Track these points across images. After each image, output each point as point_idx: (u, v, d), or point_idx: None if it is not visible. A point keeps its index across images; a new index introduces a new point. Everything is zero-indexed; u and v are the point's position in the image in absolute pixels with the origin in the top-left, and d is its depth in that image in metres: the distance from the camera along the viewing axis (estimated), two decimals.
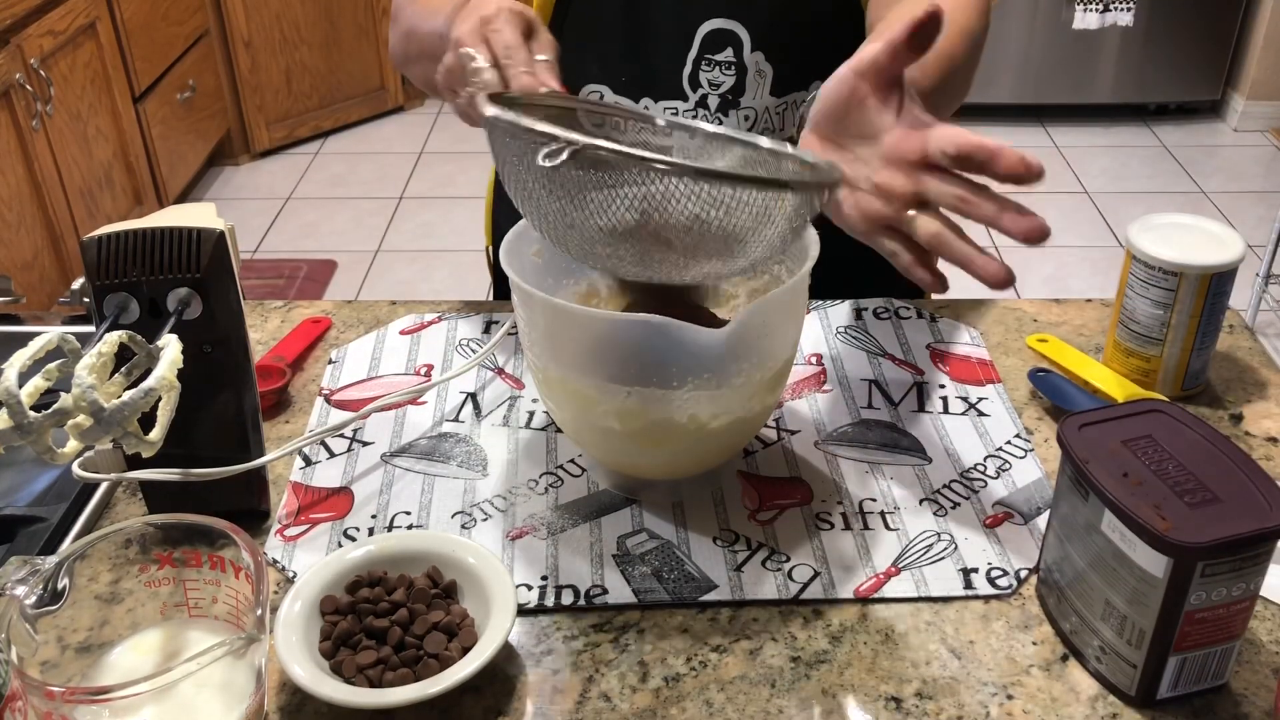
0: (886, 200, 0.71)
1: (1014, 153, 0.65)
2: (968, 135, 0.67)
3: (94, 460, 0.79)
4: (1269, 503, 0.65)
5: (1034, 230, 0.65)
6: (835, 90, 0.73)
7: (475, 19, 0.82)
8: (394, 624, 0.70)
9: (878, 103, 0.72)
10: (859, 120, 0.73)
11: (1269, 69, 3.68)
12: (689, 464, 0.83)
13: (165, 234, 0.74)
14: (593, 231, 0.70)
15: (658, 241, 0.70)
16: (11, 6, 2.30)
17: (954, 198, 0.68)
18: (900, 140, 0.71)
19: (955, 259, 0.68)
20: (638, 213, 0.67)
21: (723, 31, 1.04)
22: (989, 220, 0.66)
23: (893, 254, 0.71)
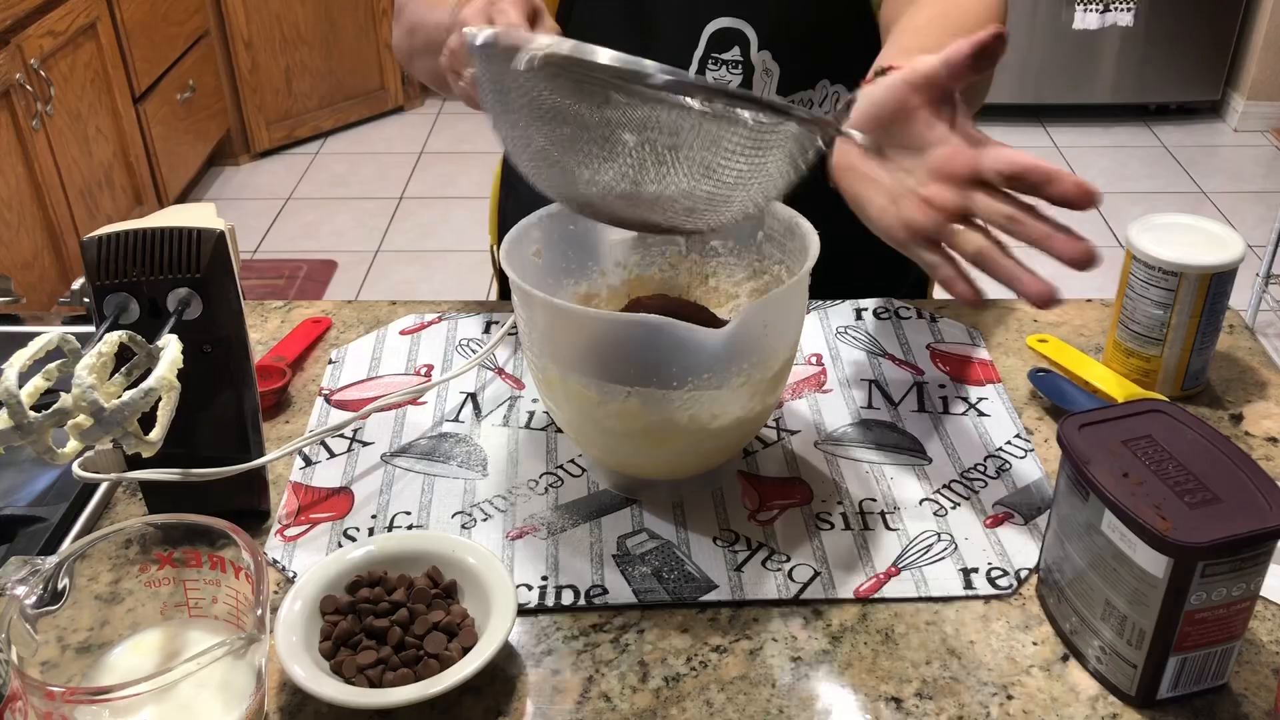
0: (931, 212, 0.70)
1: (1071, 177, 0.65)
2: (1024, 156, 0.67)
3: (94, 460, 0.79)
4: (1269, 503, 0.65)
5: (1085, 254, 0.65)
6: (885, 99, 0.72)
7: (480, 1, 0.82)
8: (394, 624, 0.70)
9: (929, 115, 0.71)
10: (907, 131, 0.72)
11: (1269, 69, 3.68)
12: (689, 464, 0.83)
13: (165, 234, 0.74)
14: (577, 163, 0.68)
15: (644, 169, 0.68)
16: (12, 6, 2.30)
17: (1003, 216, 0.67)
18: (952, 155, 0.70)
19: (1001, 276, 0.68)
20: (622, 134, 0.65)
21: (729, 30, 1.04)
22: (1038, 241, 0.66)
23: (933, 266, 0.71)
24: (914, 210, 0.71)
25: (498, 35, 0.67)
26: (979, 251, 0.68)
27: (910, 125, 0.72)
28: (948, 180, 0.70)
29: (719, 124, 0.65)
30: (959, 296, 0.70)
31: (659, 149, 0.66)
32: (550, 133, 0.68)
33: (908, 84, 0.72)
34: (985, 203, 0.68)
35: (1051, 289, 0.66)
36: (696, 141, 0.66)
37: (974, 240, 0.69)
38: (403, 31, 1.06)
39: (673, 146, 0.66)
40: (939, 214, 0.70)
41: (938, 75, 0.71)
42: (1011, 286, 0.67)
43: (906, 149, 0.73)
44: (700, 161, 0.67)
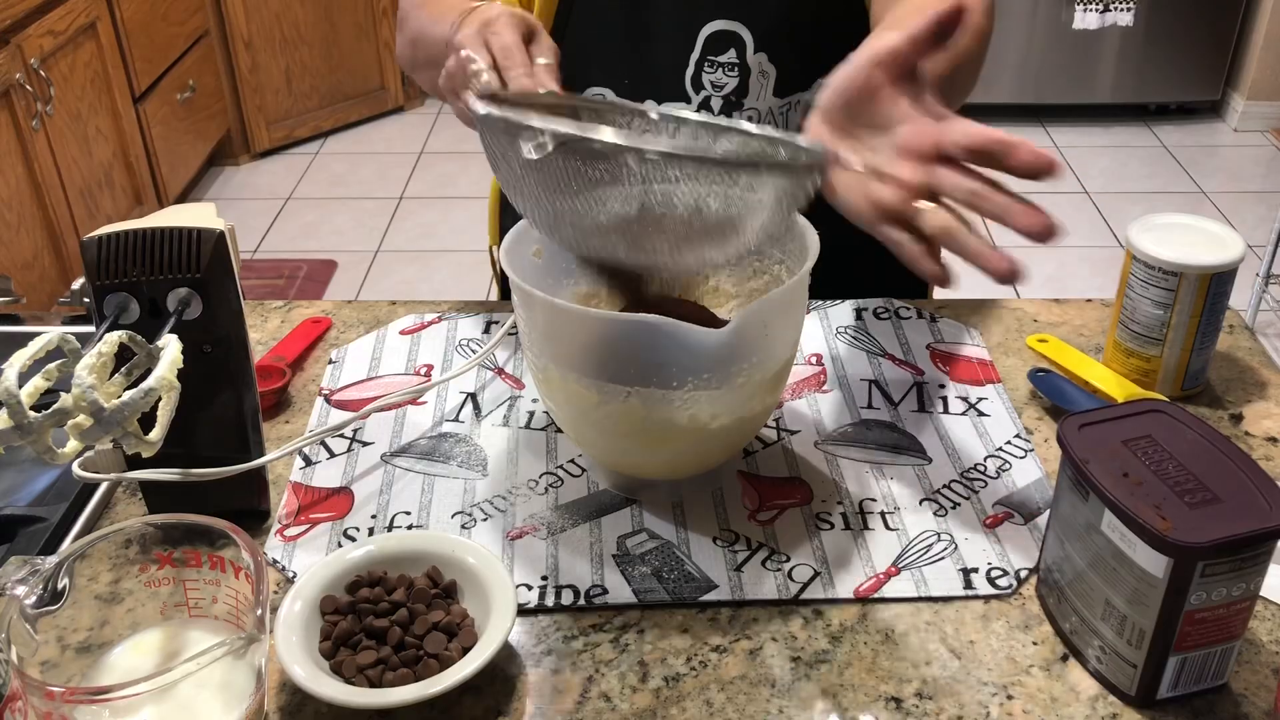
0: (896, 191, 0.70)
1: (1029, 146, 0.65)
2: (984, 129, 0.67)
3: (94, 460, 0.79)
4: (1269, 503, 0.65)
5: (1044, 227, 0.65)
6: (850, 78, 0.73)
7: (476, 23, 0.83)
8: (394, 624, 0.70)
9: (893, 93, 0.72)
10: (872, 109, 0.72)
11: (1269, 69, 3.68)
12: (689, 464, 0.83)
13: (165, 234, 0.74)
14: (585, 223, 0.70)
15: (648, 229, 0.70)
16: (11, 6, 2.30)
17: (966, 191, 0.67)
18: (915, 132, 0.70)
19: (964, 253, 0.68)
20: (625, 201, 0.68)
21: (725, 33, 1.04)
22: (999, 215, 0.66)
23: (898, 245, 0.71)
24: (880, 189, 0.71)
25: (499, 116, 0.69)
26: (943, 228, 0.68)
27: (876, 103, 0.72)
28: (912, 157, 0.70)
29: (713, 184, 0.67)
30: (926, 275, 0.70)
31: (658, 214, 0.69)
32: (552, 197, 0.70)
33: (871, 62, 0.72)
34: (949, 178, 0.68)
35: (1015, 264, 0.66)
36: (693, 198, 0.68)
37: (938, 217, 0.68)
38: (406, 42, 1.06)
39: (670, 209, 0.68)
40: (904, 192, 0.70)
41: (900, 51, 0.71)
42: (975, 263, 0.67)
43: (872, 127, 0.73)
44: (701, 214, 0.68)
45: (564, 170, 0.68)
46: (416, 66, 1.05)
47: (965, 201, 0.68)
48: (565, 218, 0.71)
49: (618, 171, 0.67)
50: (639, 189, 0.67)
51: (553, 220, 0.73)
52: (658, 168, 0.66)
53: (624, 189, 0.67)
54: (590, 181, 0.68)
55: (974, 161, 0.68)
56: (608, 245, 0.73)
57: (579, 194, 0.69)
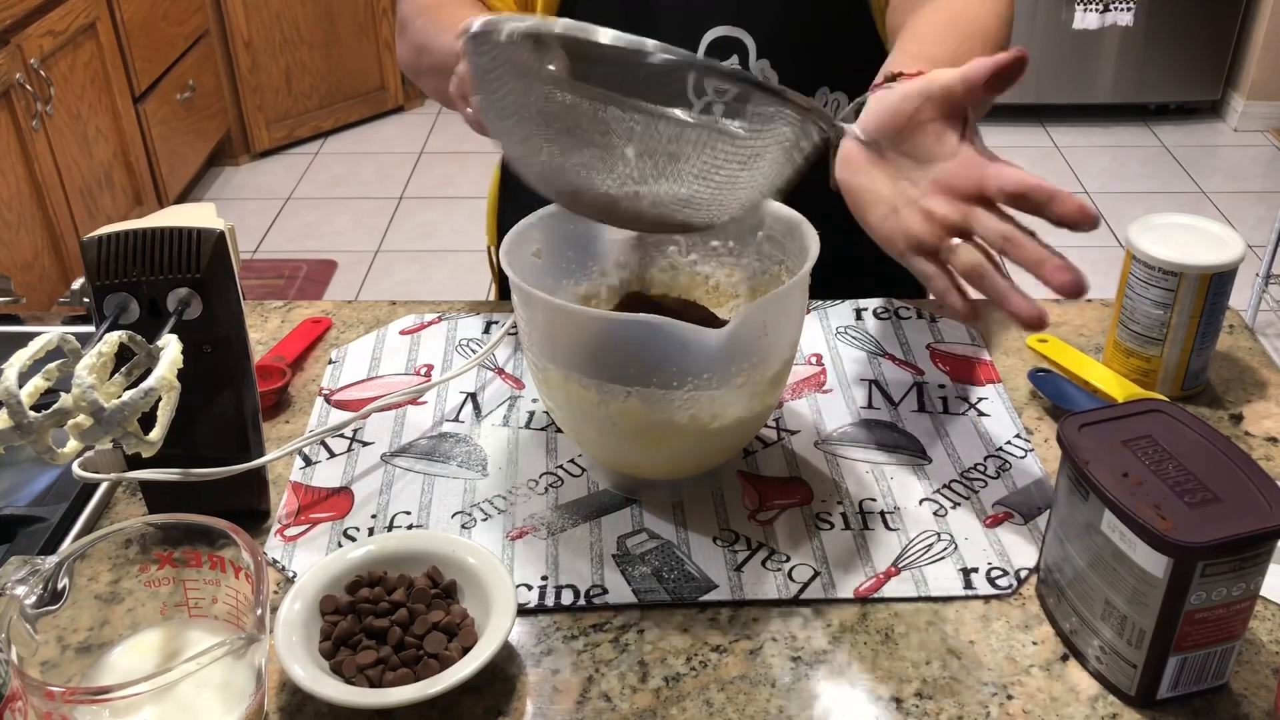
0: (931, 225, 0.71)
1: (1072, 199, 0.65)
2: (1029, 175, 0.67)
3: (94, 460, 0.79)
4: (1269, 503, 0.65)
5: (1074, 284, 0.65)
6: (898, 107, 0.73)
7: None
8: (394, 624, 0.70)
9: (941, 129, 0.72)
10: (915, 141, 0.72)
11: (1269, 69, 3.67)
12: (689, 464, 0.83)
13: (165, 234, 0.74)
14: (576, 157, 0.68)
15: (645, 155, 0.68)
16: (11, 6, 2.30)
17: (1000, 236, 0.68)
18: (958, 169, 0.70)
19: (991, 294, 0.68)
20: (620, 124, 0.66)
21: (728, 39, 1.04)
22: (1031, 265, 0.66)
23: (928, 278, 0.71)
24: (914, 221, 0.71)
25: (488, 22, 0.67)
26: (974, 267, 0.69)
27: (920, 136, 0.72)
28: (951, 194, 0.70)
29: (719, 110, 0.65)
30: (952, 310, 0.71)
31: (656, 142, 0.67)
32: (544, 128, 0.68)
33: (923, 95, 0.72)
34: (985, 220, 0.69)
35: (1041, 312, 0.67)
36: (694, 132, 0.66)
37: (970, 256, 0.69)
38: (409, 49, 1.06)
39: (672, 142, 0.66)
40: (939, 227, 0.70)
41: (954, 91, 0.71)
42: (1001, 306, 0.68)
43: (912, 159, 0.73)
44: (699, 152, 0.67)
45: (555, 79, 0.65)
46: (420, 73, 1.05)
47: (998, 246, 0.68)
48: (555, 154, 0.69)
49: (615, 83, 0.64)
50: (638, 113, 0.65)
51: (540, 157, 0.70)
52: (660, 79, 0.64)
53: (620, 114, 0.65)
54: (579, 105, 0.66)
55: (1015, 206, 0.68)
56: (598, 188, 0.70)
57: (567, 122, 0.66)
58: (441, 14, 1.00)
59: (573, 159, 0.69)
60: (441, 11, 1.01)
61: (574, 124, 0.67)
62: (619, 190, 0.69)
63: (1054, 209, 0.66)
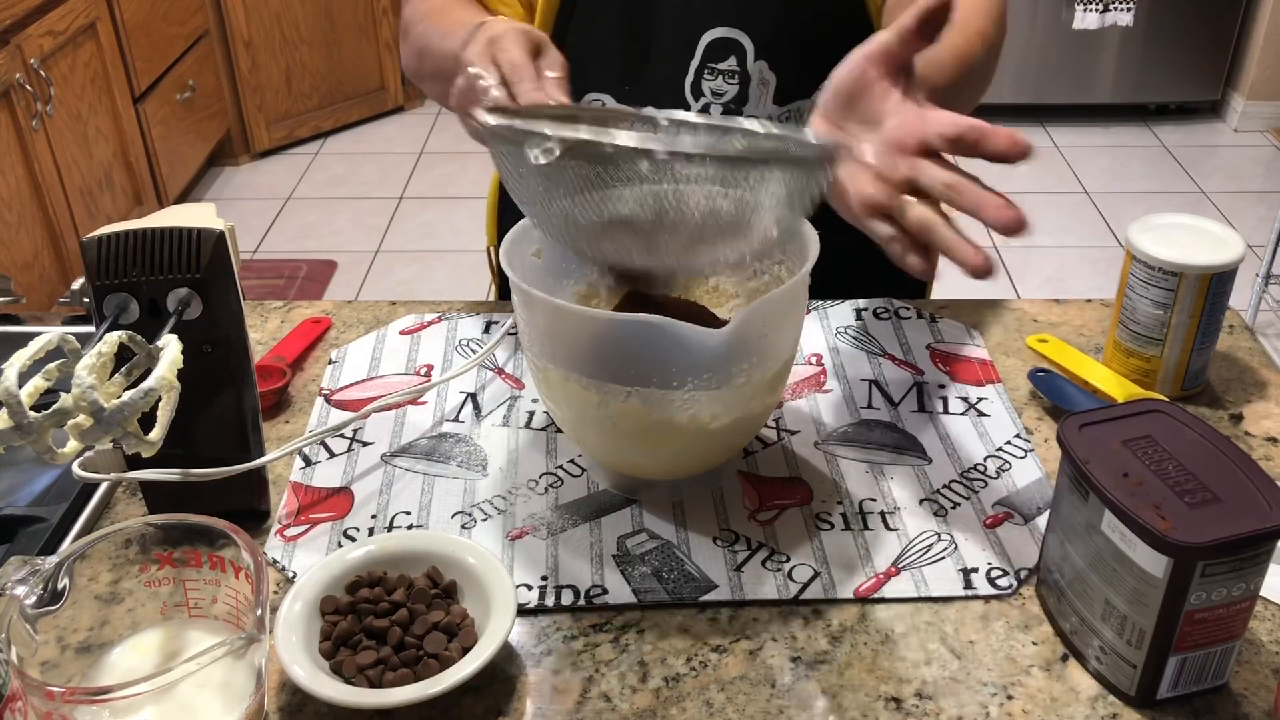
0: (883, 186, 0.71)
1: (1003, 131, 0.67)
2: (963, 118, 0.69)
3: (94, 460, 0.79)
4: (1269, 503, 0.65)
5: (1014, 220, 0.66)
6: (846, 75, 0.74)
7: (483, 40, 0.83)
8: (394, 624, 0.70)
9: (884, 88, 0.73)
10: (865, 105, 0.74)
11: (1269, 69, 3.68)
12: (689, 464, 0.83)
13: (165, 234, 0.74)
14: (598, 229, 0.71)
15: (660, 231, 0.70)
16: (11, 6, 2.30)
17: (943, 185, 0.69)
18: (901, 126, 0.72)
19: (940, 245, 0.69)
20: (638, 204, 0.68)
21: (726, 40, 1.04)
22: (973, 208, 0.67)
23: (886, 239, 0.72)
24: (867, 184, 0.72)
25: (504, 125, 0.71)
26: (922, 221, 0.69)
27: (869, 99, 0.74)
28: (897, 151, 0.71)
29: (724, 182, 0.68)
30: (911, 269, 0.71)
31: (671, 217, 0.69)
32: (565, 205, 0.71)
33: (865, 58, 0.73)
34: (930, 170, 0.70)
35: (986, 259, 0.67)
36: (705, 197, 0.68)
37: (918, 211, 0.70)
38: (411, 52, 1.06)
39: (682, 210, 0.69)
40: (890, 186, 0.71)
41: (891, 45, 0.73)
42: (950, 255, 0.68)
43: (865, 123, 0.74)
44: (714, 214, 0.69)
45: (575, 177, 0.68)
46: (423, 77, 1.05)
47: (941, 194, 0.69)
48: (579, 225, 0.72)
49: (628, 174, 0.67)
50: (650, 191, 0.68)
51: (566, 228, 0.73)
52: (668, 168, 0.66)
53: (635, 192, 0.68)
54: (602, 186, 0.69)
55: (954, 150, 0.69)
56: (621, 250, 0.73)
57: (591, 200, 0.69)
58: (444, 18, 1.00)
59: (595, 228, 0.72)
60: (444, 16, 1.01)
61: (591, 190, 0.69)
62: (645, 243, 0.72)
63: (988, 145, 0.67)
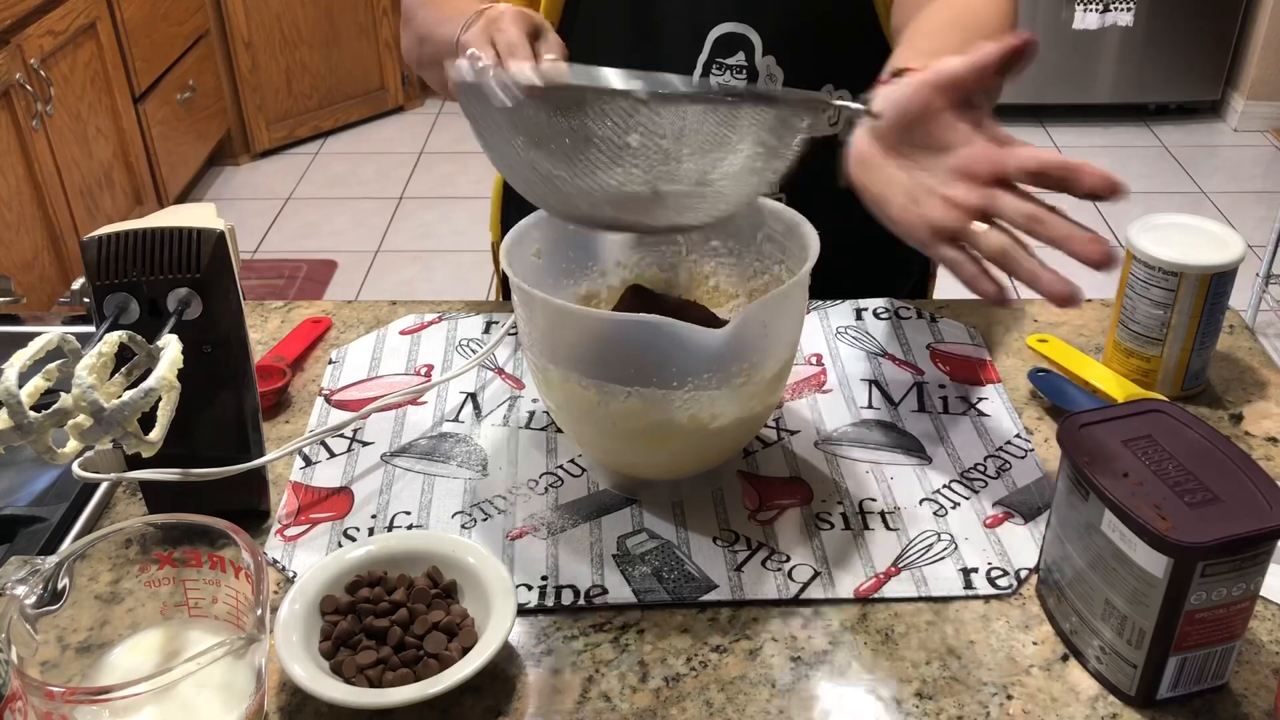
0: (953, 211, 0.71)
1: (1095, 169, 0.65)
2: (1048, 152, 0.68)
3: (94, 460, 0.79)
4: (1269, 503, 0.65)
5: (1103, 255, 0.65)
6: (908, 100, 0.73)
7: (482, 21, 0.83)
8: (394, 624, 0.70)
9: (953, 117, 0.72)
10: (930, 132, 0.73)
11: (1269, 69, 3.67)
12: (689, 464, 0.83)
13: (165, 234, 0.74)
14: (570, 182, 0.70)
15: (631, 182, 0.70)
16: (11, 6, 2.30)
17: (1025, 216, 0.68)
18: (975, 155, 0.71)
19: (1021, 275, 0.68)
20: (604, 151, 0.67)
21: (734, 35, 1.04)
22: (1060, 241, 0.66)
23: (955, 265, 0.71)
24: (936, 209, 0.71)
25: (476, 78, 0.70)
26: (1001, 250, 0.69)
27: (933, 126, 0.72)
28: (971, 179, 0.70)
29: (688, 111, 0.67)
30: (983, 295, 0.70)
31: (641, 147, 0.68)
32: (536, 149, 0.70)
33: (931, 85, 0.72)
34: (1008, 202, 0.69)
35: (1074, 289, 0.66)
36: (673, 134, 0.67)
37: (996, 239, 0.69)
38: (412, 40, 1.06)
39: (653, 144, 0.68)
40: (962, 213, 0.70)
41: (962, 78, 0.71)
42: (1033, 286, 0.67)
43: (927, 149, 0.73)
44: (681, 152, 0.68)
45: (541, 124, 0.67)
46: (423, 64, 1.05)
47: (1024, 226, 0.68)
48: (550, 177, 0.70)
49: (594, 120, 0.66)
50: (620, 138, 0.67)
51: (537, 182, 0.72)
52: (631, 115, 0.65)
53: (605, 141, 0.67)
54: (569, 135, 0.67)
55: (1038, 184, 0.68)
56: (594, 204, 0.72)
57: (560, 149, 0.68)
58: (445, 5, 1.00)
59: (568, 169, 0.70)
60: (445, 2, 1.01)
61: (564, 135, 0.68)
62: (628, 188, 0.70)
63: (1077, 182, 0.66)
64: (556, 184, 0.71)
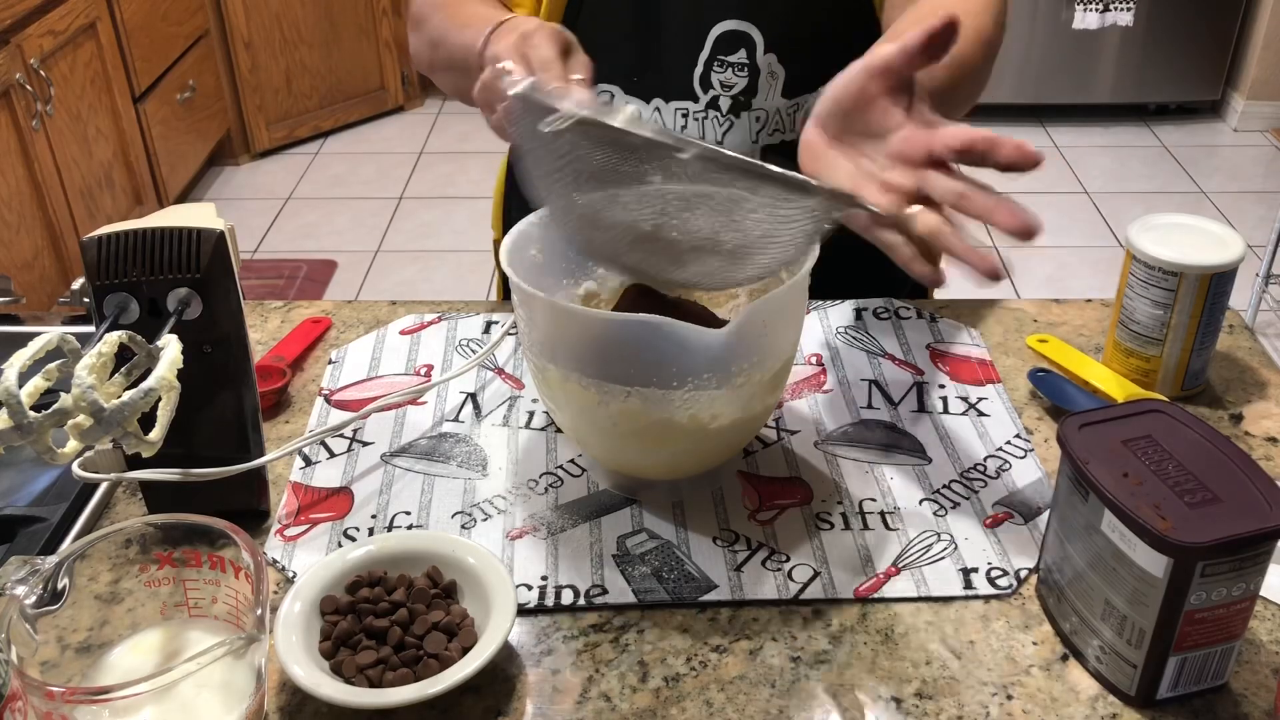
0: (889, 195, 0.72)
1: (1011, 141, 0.67)
2: (971, 129, 0.70)
3: (94, 460, 0.79)
4: (1269, 503, 0.65)
5: (1024, 225, 0.67)
6: (845, 88, 0.75)
7: (514, 36, 0.83)
8: (394, 624, 0.70)
9: (887, 103, 0.74)
10: (867, 118, 0.74)
11: (1269, 69, 3.68)
12: (689, 464, 0.83)
13: (165, 234, 0.74)
14: (610, 225, 0.71)
15: (668, 235, 0.71)
16: (11, 6, 2.30)
17: (953, 194, 0.70)
18: (908, 139, 0.72)
19: (951, 252, 0.70)
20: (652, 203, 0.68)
21: (736, 33, 1.04)
22: (984, 214, 0.68)
23: (892, 248, 0.73)
24: (873, 194, 0.72)
25: (532, 90, 0.71)
26: (932, 229, 0.70)
27: (870, 112, 0.74)
28: (904, 163, 0.72)
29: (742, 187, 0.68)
30: (919, 276, 0.72)
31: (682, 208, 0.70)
32: (578, 181, 0.71)
33: (866, 72, 0.74)
34: (938, 181, 0.70)
35: (997, 265, 0.68)
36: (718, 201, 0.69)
37: (927, 220, 0.70)
38: (424, 43, 1.06)
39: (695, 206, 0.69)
40: (897, 197, 0.72)
41: (894, 63, 0.73)
42: (962, 260, 0.69)
43: (867, 136, 0.75)
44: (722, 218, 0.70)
45: (589, 162, 0.68)
46: (436, 68, 1.05)
47: (953, 203, 0.70)
48: (590, 218, 0.72)
49: (644, 169, 0.67)
50: (664, 191, 0.68)
51: (579, 221, 0.73)
52: (680, 168, 0.66)
53: (649, 189, 0.68)
54: (611, 175, 0.68)
55: (963, 161, 0.70)
56: (632, 251, 0.73)
57: (604, 186, 0.69)
58: (460, 11, 1.00)
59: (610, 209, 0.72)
60: (459, 8, 1.01)
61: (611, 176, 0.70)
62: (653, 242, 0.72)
63: (996, 156, 0.68)
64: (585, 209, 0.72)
